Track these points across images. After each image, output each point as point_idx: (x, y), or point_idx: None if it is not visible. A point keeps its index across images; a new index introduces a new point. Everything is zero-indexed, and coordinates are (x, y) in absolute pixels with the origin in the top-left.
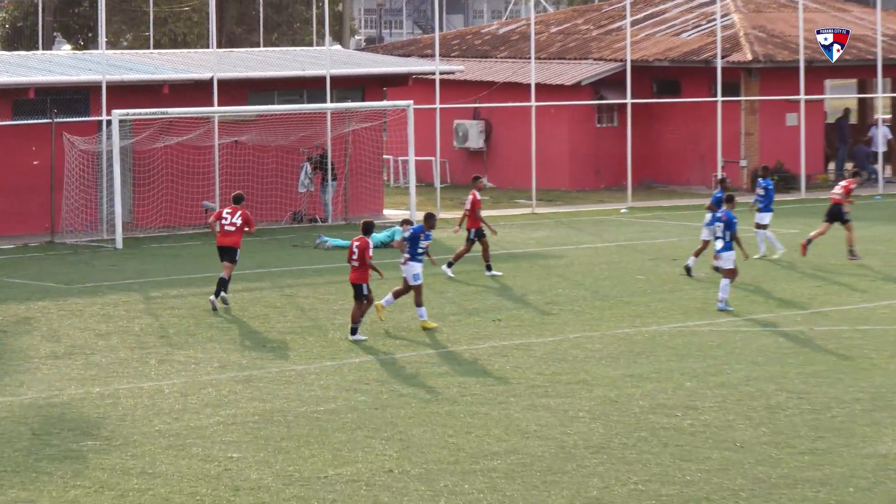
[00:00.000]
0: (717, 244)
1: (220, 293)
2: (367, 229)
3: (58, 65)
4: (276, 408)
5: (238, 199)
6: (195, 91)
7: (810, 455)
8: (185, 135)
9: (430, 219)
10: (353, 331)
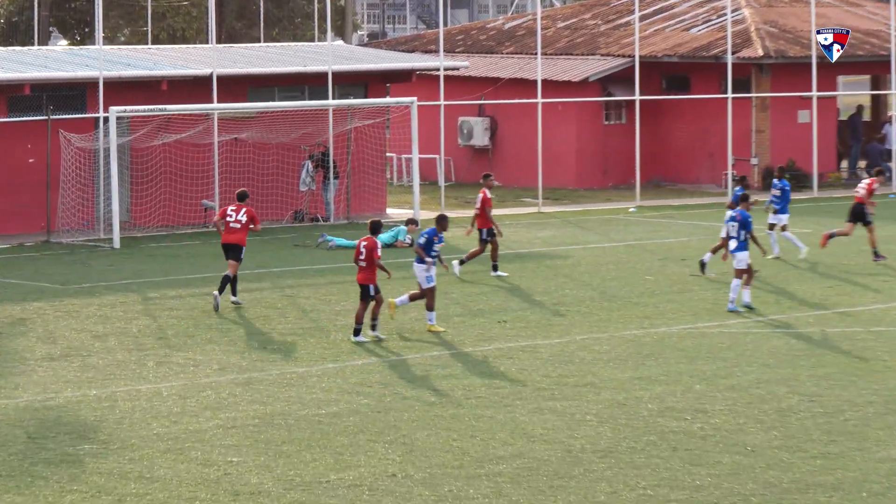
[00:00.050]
0: (731, 244)
1: (231, 294)
2: (375, 229)
3: (54, 60)
4: (276, 411)
5: (242, 197)
6: (194, 87)
7: (822, 459)
8: (184, 132)
9: (442, 220)
10: (357, 332)
